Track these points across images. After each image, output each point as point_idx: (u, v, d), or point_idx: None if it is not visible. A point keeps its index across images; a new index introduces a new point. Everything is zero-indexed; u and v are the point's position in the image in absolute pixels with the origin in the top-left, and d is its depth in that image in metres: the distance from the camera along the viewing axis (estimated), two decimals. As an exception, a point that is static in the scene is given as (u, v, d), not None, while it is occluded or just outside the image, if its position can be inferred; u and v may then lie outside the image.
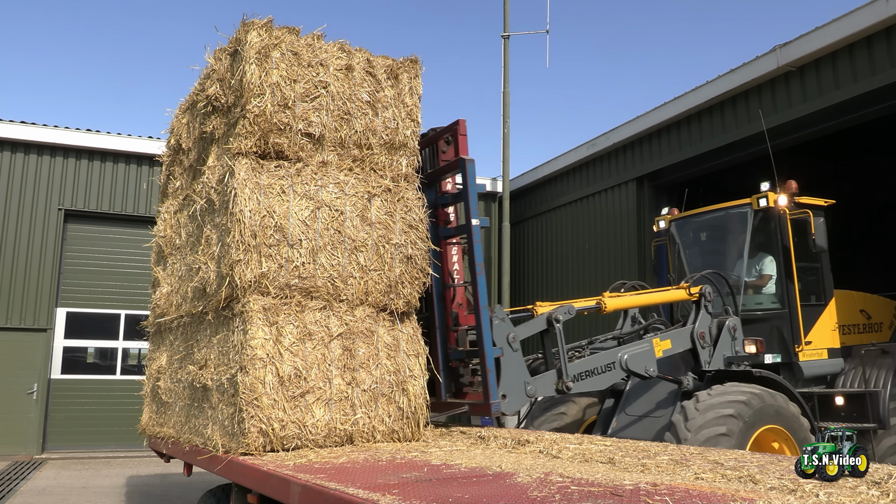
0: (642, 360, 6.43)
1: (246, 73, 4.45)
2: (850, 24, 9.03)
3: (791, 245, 7.76)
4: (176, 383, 5.45)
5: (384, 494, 2.66)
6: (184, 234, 5.45)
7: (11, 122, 13.30)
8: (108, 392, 13.79)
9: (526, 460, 3.77)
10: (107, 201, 13.95)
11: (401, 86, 5.09)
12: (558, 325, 5.94)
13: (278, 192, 4.45)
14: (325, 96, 4.72)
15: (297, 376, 4.28)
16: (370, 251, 4.70)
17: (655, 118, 12.44)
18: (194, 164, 5.45)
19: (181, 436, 5.25)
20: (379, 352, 4.63)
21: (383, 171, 4.95)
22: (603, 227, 14.05)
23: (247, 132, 4.47)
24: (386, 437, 4.57)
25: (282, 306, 4.34)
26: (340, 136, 4.79)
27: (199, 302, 4.90)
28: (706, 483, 2.95)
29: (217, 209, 4.68)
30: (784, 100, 10.18)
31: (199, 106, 5.19)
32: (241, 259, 4.27)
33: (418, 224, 4.93)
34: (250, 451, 4.11)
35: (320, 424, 4.32)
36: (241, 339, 4.24)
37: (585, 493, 2.69)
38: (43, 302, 13.24)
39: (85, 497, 9.10)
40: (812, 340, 7.76)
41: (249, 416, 4.10)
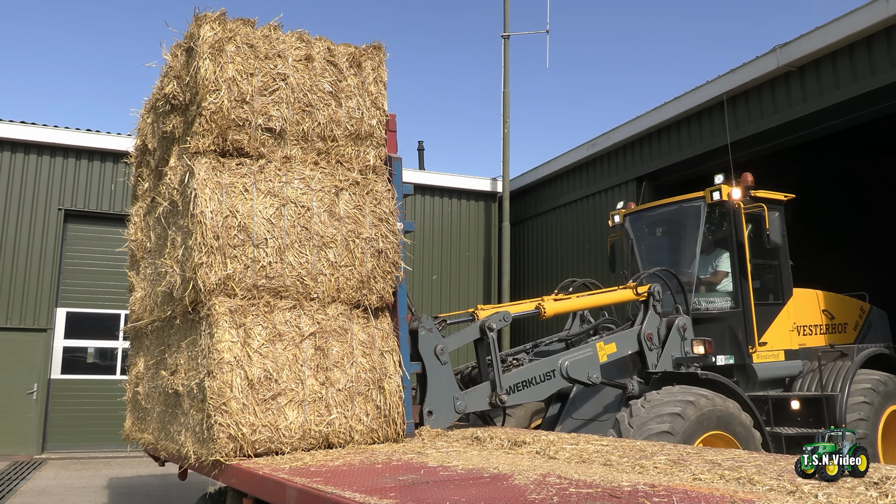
0: (585, 367, 6.11)
1: (200, 68, 4.32)
2: (850, 24, 9.02)
3: (745, 240, 7.41)
4: (153, 389, 5.34)
5: (381, 498, 2.64)
6: (153, 237, 5.34)
7: (11, 122, 13.29)
8: (108, 392, 13.76)
9: (523, 461, 3.75)
10: (107, 201, 13.94)
11: (364, 74, 4.93)
12: (492, 333, 5.64)
13: (241, 191, 4.32)
14: (284, 89, 4.58)
15: (268, 378, 4.15)
16: (340, 247, 4.56)
17: (655, 118, 12.43)
18: (158, 166, 5.31)
19: (158, 442, 5.12)
20: (354, 350, 4.50)
21: (350, 163, 4.81)
22: (603, 227, 14.02)
23: (204, 130, 4.34)
24: (364, 437, 4.44)
25: (249, 308, 4.22)
26: (303, 130, 4.66)
27: (167, 307, 4.79)
28: (704, 484, 2.94)
29: (180, 211, 4.55)
30: (784, 100, 10.17)
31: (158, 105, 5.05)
32: (205, 262, 4.15)
33: (388, 216, 4.78)
34: (220, 457, 3.98)
35: (294, 427, 4.19)
36: (207, 343, 4.13)
37: (583, 494, 2.68)
38: (43, 302, 13.24)
39: (85, 497, 9.10)
40: (767, 341, 7.39)
41: (217, 422, 3.98)
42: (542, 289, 15.43)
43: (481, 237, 16.51)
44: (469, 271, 16.21)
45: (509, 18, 15.23)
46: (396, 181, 5.05)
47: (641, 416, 5.56)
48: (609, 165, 14.00)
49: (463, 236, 16.23)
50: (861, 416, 7.08)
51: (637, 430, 5.46)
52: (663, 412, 5.54)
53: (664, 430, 5.42)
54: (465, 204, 16.36)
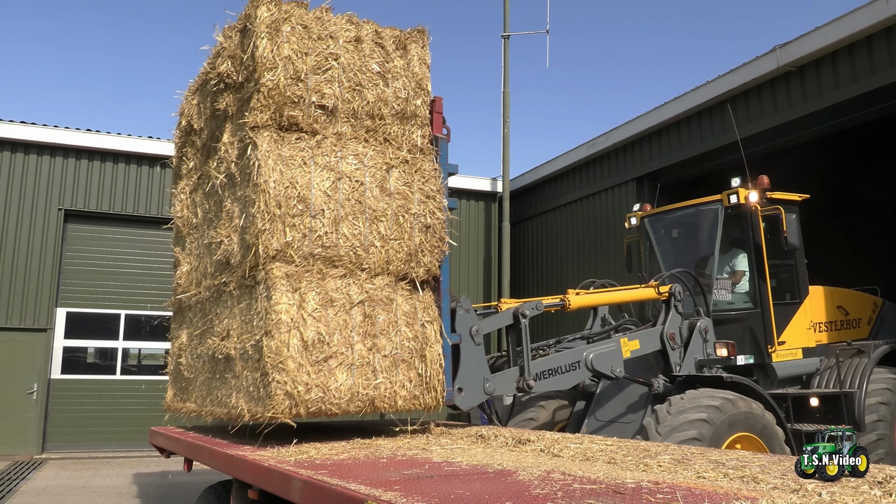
0: (608, 360, 6.22)
1: (258, 47, 4.51)
2: (850, 24, 9.04)
3: (763, 242, 7.55)
4: (196, 359, 5.54)
5: (385, 491, 2.65)
6: (200, 213, 5.56)
7: (11, 122, 13.29)
8: (108, 392, 13.78)
9: (527, 459, 3.76)
10: (107, 201, 13.94)
11: (409, 56, 5.14)
12: (524, 320, 5.79)
13: (300, 164, 4.51)
14: (336, 68, 4.78)
15: (321, 341, 4.32)
16: (390, 221, 4.77)
17: (655, 118, 12.44)
18: (207, 143, 5.51)
19: (203, 409, 5.32)
20: (398, 319, 4.69)
21: (398, 141, 5.02)
22: (603, 227, 14.04)
23: (262, 106, 4.52)
24: (407, 403, 4.61)
25: (304, 274, 4.39)
26: (353, 108, 4.85)
27: (221, 275, 4.99)
28: (708, 482, 2.95)
29: (238, 183, 4.74)
30: (784, 100, 10.18)
31: (210, 84, 5.24)
32: (267, 229, 4.33)
33: (435, 194, 5.03)
34: (277, 413, 4.12)
35: (343, 389, 4.36)
36: (264, 306, 4.29)
37: (587, 490, 2.68)
38: (43, 302, 13.23)
39: (85, 497, 9.09)
40: (786, 340, 7.54)
41: (274, 379, 4.13)
42: (542, 289, 15.44)
43: (481, 237, 16.52)
44: (469, 271, 16.22)
45: (509, 18, 15.25)
46: (442, 160, 5.27)
47: (669, 423, 5.63)
48: (609, 165, 14.01)
49: (463, 236, 16.23)
50: (878, 416, 7.23)
51: (665, 436, 5.54)
52: (691, 418, 5.61)
53: (692, 436, 5.51)
54: (465, 204, 16.37)
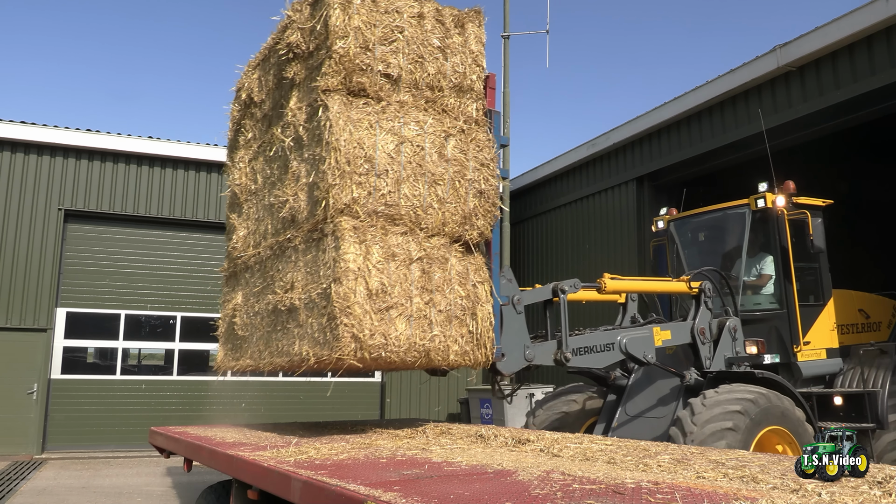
0: (641, 346, 6.43)
1: (331, 17, 4.82)
2: (850, 24, 9.04)
3: (789, 245, 7.76)
4: (253, 316, 5.86)
5: (385, 491, 2.65)
6: (260, 179, 5.90)
7: (11, 122, 13.30)
8: (108, 392, 13.78)
9: (527, 459, 3.76)
10: (107, 201, 13.95)
11: (466, 34, 5.46)
12: (563, 295, 5.99)
13: (366, 127, 4.79)
14: (400, 40, 5.10)
15: (383, 291, 4.56)
16: (447, 185, 5.05)
17: (655, 118, 12.45)
18: (269, 113, 5.89)
19: (261, 362, 5.64)
20: (452, 278, 4.94)
21: (455, 112, 5.30)
22: (603, 227, 14.05)
23: (333, 71, 4.81)
24: (458, 357, 4.86)
25: (369, 228, 4.65)
26: (415, 78, 5.15)
27: (286, 231, 5.28)
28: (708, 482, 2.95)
29: (306, 144, 5.04)
30: (784, 100, 10.19)
31: (277, 54, 5.60)
32: (337, 184, 4.60)
33: (489, 163, 5.29)
34: (343, 355, 4.35)
35: (402, 338, 4.59)
36: (332, 256, 4.55)
37: (587, 490, 2.68)
38: (43, 302, 13.24)
39: (85, 497, 9.09)
40: (811, 340, 7.76)
41: (342, 322, 4.37)
42: (542, 289, 15.44)
43: (481, 237, 16.50)
44: (469, 271, 16.21)
45: (509, 18, 15.24)
46: (496, 132, 5.52)
47: (704, 415, 5.77)
48: (609, 165, 14.01)
49: (463, 236, 16.22)
50: None
51: (701, 426, 5.69)
52: (727, 409, 5.77)
53: (728, 426, 5.66)
54: (465, 204, 16.37)
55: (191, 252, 14.76)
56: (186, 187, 14.58)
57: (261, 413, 13.89)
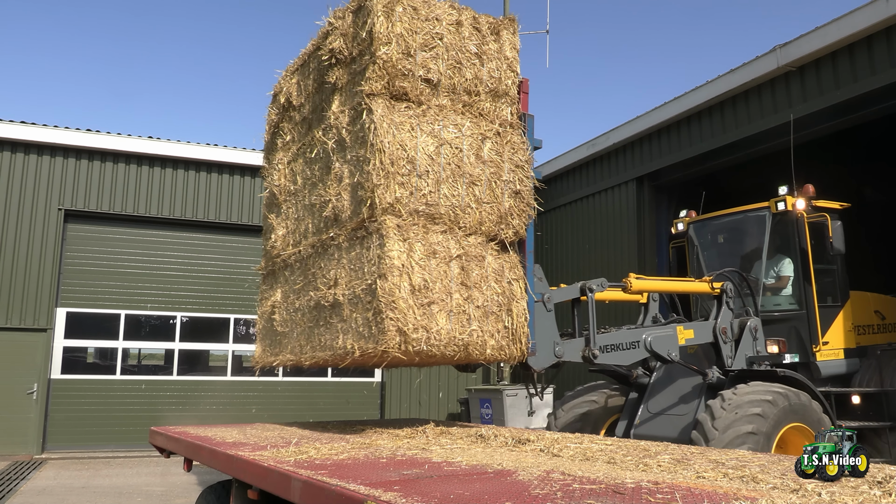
0: (665, 344, 6.59)
1: (375, 24, 5.02)
2: (850, 24, 9.05)
3: (808, 247, 7.95)
4: (294, 312, 6.03)
5: (385, 491, 2.65)
6: (300, 180, 6.08)
7: (11, 122, 13.30)
8: (108, 392, 13.79)
9: (527, 458, 3.76)
10: (107, 201, 13.95)
11: (502, 41, 5.62)
12: (591, 294, 6.16)
13: (408, 129, 4.98)
14: (440, 47, 5.29)
15: (425, 287, 4.75)
16: (484, 186, 5.24)
17: (655, 118, 12.45)
18: (309, 116, 6.11)
19: (302, 356, 5.81)
20: (488, 275, 5.11)
21: (490, 116, 5.47)
22: (603, 227, 14.05)
23: (376, 76, 5.00)
24: (495, 352, 5.03)
25: (411, 227, 4.83)
26: (453, 83, 5.34)
27: (329, 230, 5.46)
28: (708, 482, 2.95)
29: (349, 146, 5.23)
30: (784, 100, 10.19)
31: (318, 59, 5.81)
32: (381, 184, 4.77)
33: (524, 164, 5.48)
34: (388, 348, 4.52)
35: (443, 332, 4.76)
36: (377, 253, 4.72)
37: (587, 490, 2.68)
38: (43, 302, 13.24)
39: (85, 497, 9.10)
40: (829, 341, 7.94)
41: (388, 317, 4.54)
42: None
43: (481, 237, 16.51)
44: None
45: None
46: (529, 135, 5.71)
47: (725, 418, 5.90)
48: (609, 165, 14.01)
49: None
50: None
51: (722, 431, 5.81)
52: (746, 413, 5.89)
53: (749, 430, 5.79)
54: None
55: (191, 252, 14.76)
56: (186, 187, 14.59)
57: (261, 413, 13.90)
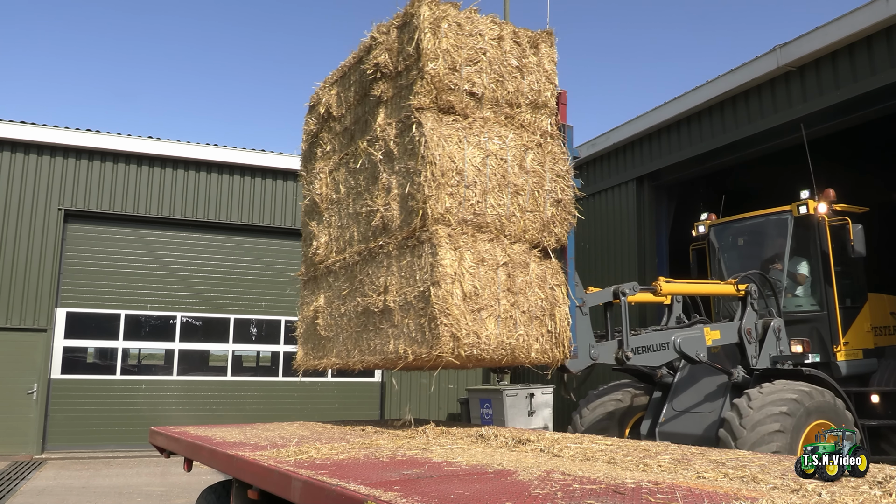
0: (694, 345, 6.77)
1: (422, 40, 5.18)
2: (850, 24, 9.05)
3: (829, 250, 8.15)
4: (339, 317, 6.17)
5: (385, 491, 2.65)
6: (343, 189, 6.21)
7: (11, 122, 13.31)
8: (108, 392, 13.79)
9: (527, 459, 3.76)
10: (107, 201, 13.96)
11: (541, 54, 5.77)
12: (624, 297, 6.34)
13: (456, 142, 5.11)
14: (483, 61, 5.44)
15: (475, 294, 4.90)
16: (527, 195, 5.39)
17: (655, 118, 12.45)
18: (350, 128, 6.25)
19: (349, 360, 5.96)
20: (532, 281, 5.27)
21: (531, 127, 5.63)
22: (603, 227, 14.05)
23: (425, 91, 5.16)
24: (539, 355, 5.22)
25: (460, 235, 4.98)
26: (496, 96, 5.48)
27: (377, 238, 5.61)
28: (708, 482, 2.94)
29: (397, 157, 5.37)
30: (784, 100, 10.19)
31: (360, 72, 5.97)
32: (433, 195, 4.93)
33: (565, 174, 5.64)
34: (443, 352, 4.68)
35: (492, 337, 4.91)
36: (429, 262, 4.89)
37: (587, 490, 2.68)
38: (43, 302, 13.24)
39: (85, 497, 9.10)
40: (849, 341, 8.16)
41: (442, 322, 4.70)
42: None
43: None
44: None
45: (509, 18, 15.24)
46: (569, 145, 5.87)
47: (751, 417, 6.09)
48: (609, 165, 14.01)
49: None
50: None
51: (750, 430, 6.01)
52: (773, 412, 6.08)
53: (776, 428, 5.98)
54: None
55: (191, 252, 14.77)
56: (186, 187, 14.59)
57: (261, 413, 13.90)
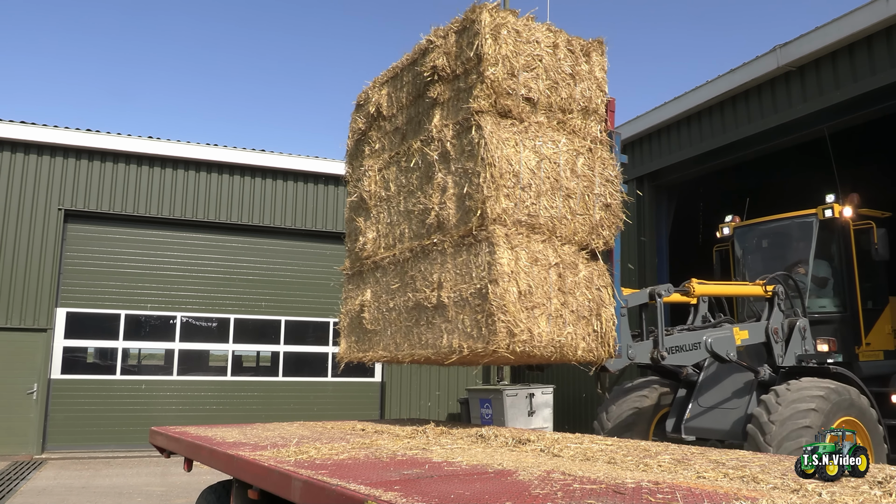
0: (724, 345, 6.93)
1: (483, 45, 5.31)
2: (850, 24, 9.05)
3: (853, 253, 8.31)
4: (388, 311, 6.29)
5: (386, 491, 2.65)
6: (393, 187, 6.36)
7: (11, 122, 13.30)
8: (108, 392, 13.79)
9: (527, 459, 3.76)
10: (107, 201, 13.95)
11: (592, 62, 5.92)
12: (660, 299, 6.48)
13: (513, 145, 5.27)
14: (539, 67, 5.58)
15: (529, 292, 5.05)
16: (578, 198, 5.54)
17: (655, 118, 12.45)
18: (401, 127, 6.40)
19: (399, 353, 6.09)
20: (580, 282, 5.43)
21: (582, 133, 5.77)
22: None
23: (484, 95, 5.29)
24: (585, 353, 5.38)
25: (516, 235, 5.12)
26: (550, 102, 5.63)
27: (431, 236, 5.74)
28: (708, 482, 2.95)
29: (454, 158, 5.51)
30: (784, 100, 10.19)
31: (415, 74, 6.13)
32: (492, 196, 5.07)
33: (613, 179, 5.77)
34: (499, 347, 4.81)
35: (544, 334, 5.05)
36: (487, 260, 5.02)
37: (587, 490, 2.68)
38: (43, 302, 13.24)
39: (85, 497, 9.10)
40: (871, 342, 8.33)
41: (500, 319, 4.83)
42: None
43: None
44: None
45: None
46: (616, 151, 6.00)
47: (780, 413, 6.26)
48: (609, 166, 13.98)
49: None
50: None
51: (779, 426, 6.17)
52: (801, 408, 6.26)
53: (805, 424, 6.15)
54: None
55: (191, 252, 14.77)
56: (186, 187, 14.59)
57: (261, 413, 13.90)
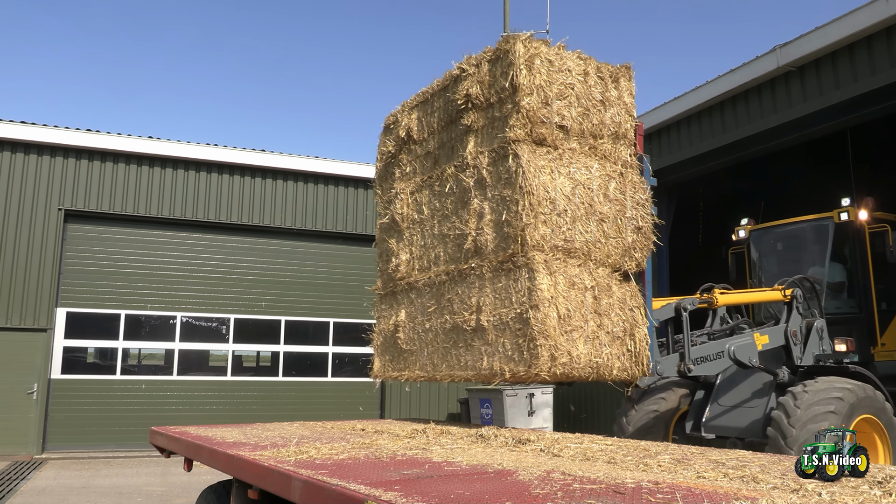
0: (747, 352, 7.13)
1: (518, 76, 5.44)
2: (850, 24, 9.05)
3: (869, 256, 8.43)
4: (424, 332, 6.41)
5: (386, 490, 2.65)
6: (426, 211, 6.49)
7: (11, 122, 13.31)
8: (108, 392, 13.79)
9: (527, 459, 3.76)
10: (107, 201, 13.96)
11: (620, 87, 6.03)
12: (685, 313, 6.66)
13: (549, 172, 5.40)
14: (571, 95, 5.70)
15: (568, 316, 5.19)
16: (611, 222, 5.67)
17: (655, 118, 12.44)
18: (433, 152, 6.51)
19: (436, 374, 6.21)
20: (614, 304, 5.54)
21: (612, 157, 5.87)
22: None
23: (520, 124, 5.41)
24: (620, 372, 5.50)
25: (554, 261, 5.25)
26: (582, 128, 5.74)
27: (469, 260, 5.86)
28: (708, 482, 2.94)
29: (490, 185, 5.65)
30: (784, 100, 10.19)
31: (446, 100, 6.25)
32: (531, 223, 5.21)
33: (645, 202, 5.88)
34: (541, 371, 4.96)
35: (582, 356, 5.19)
36: (527, 286, 5.15)
37: (587, 490, 2.68)
38: (43, 302, 13.24)
39: (85, 497, 9.10)
40: (886, 343, 8.46)
41: (541, 344, 4.98)
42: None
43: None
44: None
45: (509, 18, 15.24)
46: (646, 174, 6.12)
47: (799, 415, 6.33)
48: (609, 166, 13.99)
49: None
50: None
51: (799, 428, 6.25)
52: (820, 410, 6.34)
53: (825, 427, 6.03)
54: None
55: (191, 252, 14.77)
56: (186, 187, 14.60)
57: (261, 413, 13.90)
